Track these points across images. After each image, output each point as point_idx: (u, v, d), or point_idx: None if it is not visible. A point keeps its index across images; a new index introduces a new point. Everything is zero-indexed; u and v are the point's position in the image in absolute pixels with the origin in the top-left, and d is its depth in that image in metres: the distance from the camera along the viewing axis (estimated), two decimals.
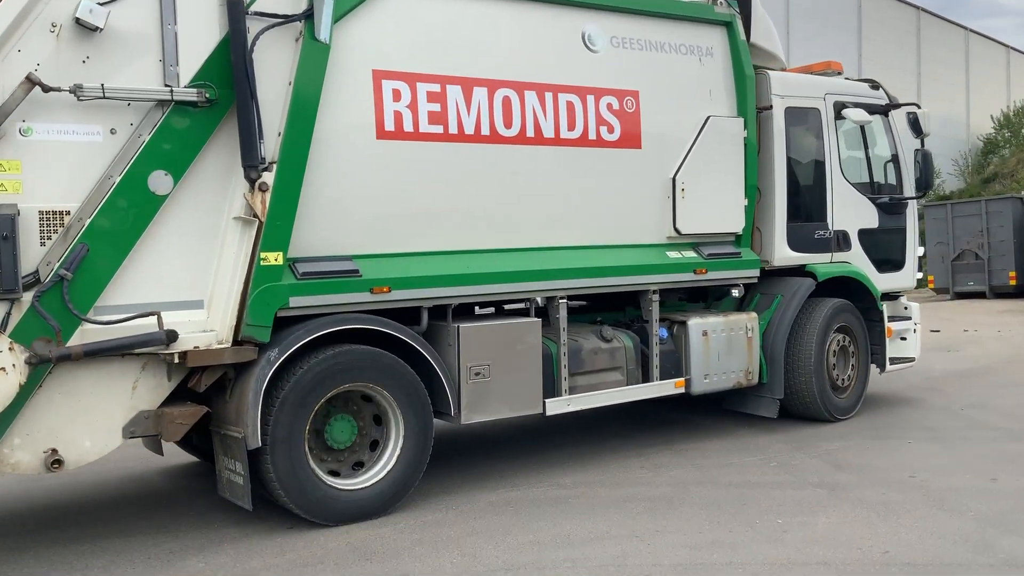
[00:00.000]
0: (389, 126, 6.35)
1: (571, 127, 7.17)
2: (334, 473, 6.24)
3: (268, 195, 5.80)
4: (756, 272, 8.27)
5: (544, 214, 7.10)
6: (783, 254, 8.47)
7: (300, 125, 5.93)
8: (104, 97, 5.42)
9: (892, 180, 9.42)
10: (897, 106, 9.27)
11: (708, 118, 7.87)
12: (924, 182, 9.22)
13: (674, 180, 7.69)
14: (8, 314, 5.22)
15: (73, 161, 5.44)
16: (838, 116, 8.81)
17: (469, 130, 6.69)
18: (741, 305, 8.57)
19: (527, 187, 7.00)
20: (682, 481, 6.99)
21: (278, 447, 5.83)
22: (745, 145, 8.09)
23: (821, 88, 8.80)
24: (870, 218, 9.09)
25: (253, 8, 5.83)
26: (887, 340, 9.08)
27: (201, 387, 5.79)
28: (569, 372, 7.17)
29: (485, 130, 6.76)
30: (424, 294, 6.48)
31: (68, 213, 5.40)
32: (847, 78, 9.45)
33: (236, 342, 5.80)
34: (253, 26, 5.83)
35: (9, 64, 5.22)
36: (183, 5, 5.69)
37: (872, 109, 9.14)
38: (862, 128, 9.06)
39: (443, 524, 6.12)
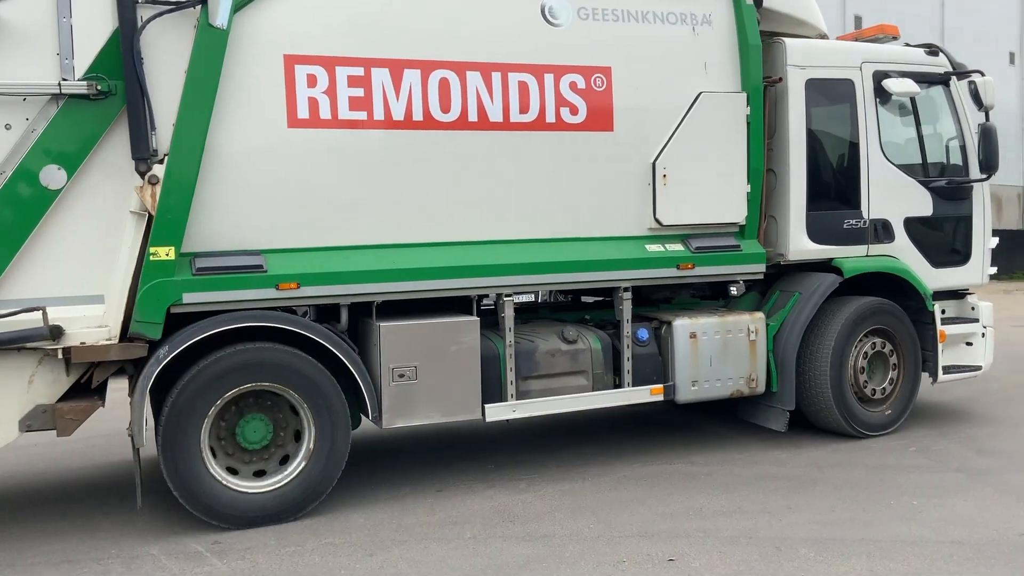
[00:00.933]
0: (303, 114, 6.02)
1: (524, 109, 6.56)
2: (246, 473, 6.05)
3: (158, 188, 5.65)
4: (760, 268, 7.32)
5: (490, 205, 6.56)
6: (801, 247, 7.47)
7: (194, 115, 5.72)
8: None
9: (958, 161, 8.10)
10: (958, 74, 7.94)
11: (700, 95, 7.02)
12: (987, 162, 7.85)
13: (654, 165, 6.92)
14: None
15: None
16: (879, 88, 7.65)
17: (398, 116, 6.25)
18: (761, 304, 7.66)
19: (470, 176, 6.49)
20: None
21: (169, 447, 5.69)
22: (748, 124, 7.17)
23: (856, 56, 7.66)
24: (921, 205, 7.85)
25: None
26: (940, 345, 7.84)
27: (93, 383, 5.75)
28: (519, 375, 6.62)
29: (418, 115, 6.30)
30: (339, 291, 6.12)
31: None
32: (908, 44, 8.20)
33: (126, 338, 5.70)
34: (146, 15, 5.67)
35: None
36: None
37: (926, 79, 7.88)
38: (913, 101, 7.84)
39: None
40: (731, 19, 7.18)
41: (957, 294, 8.24)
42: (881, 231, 7.69)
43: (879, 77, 7.64)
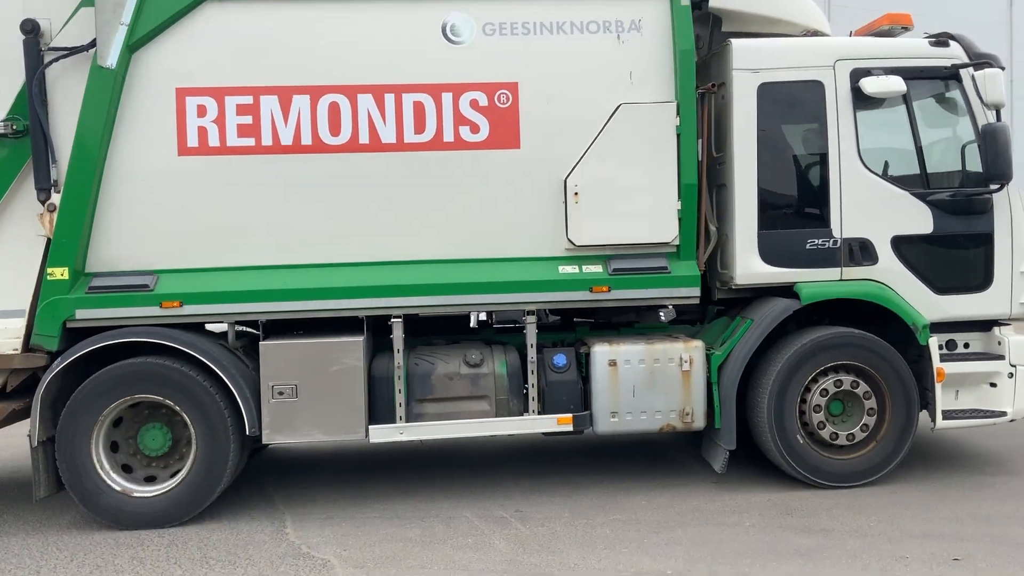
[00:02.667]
0: (192, 142, 6.41)
1: (419, 130, 6.52)
2: (150, 479, 6.52)
3: (55, 215, 6.28)
4: (692, 292, 6.66)
5: (384, 225, 6.56)
6: (750, 269, 6.71)
7: (85, 148, 6.28)
8: None
9: (978, 168, 6.84)
10: (966, 66, 6.71)
11: (619, 106, 6.56)
12: (990, 170, 6.56)
13: (566, 183, 6.56)
14: None
15: None
16: (858, 89, 6.68)
17: (286, 141, 6.47)
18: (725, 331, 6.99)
19: (362, 197, 6.54)
20: None
21: (63, 450, 6.26)
22: (679, 136, 6.59)
23: (828, 54, 6.72)
24: (916, 221, 6.72)
25: (52, 43, 6.33)
26: (938, 386, 6.67)
27: (8, 388, 6.47)
28: (413, 397, 6.57)
29: (306, 139, 6.47)
30: (221, 309, 6.44)
31: None
32: (927, 36, 7.05)
33: (28, 349, 6.38)
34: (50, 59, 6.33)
35: None
36: (4, 49, 6.32)
37: (927, 74, 6.76)
38: (907, 101, 6.75)
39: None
40: (666, 24, 6.64)
41: (984, 326, 6.97)
42: (858, 252, 6.71)
43: (858, 76, 6.69)
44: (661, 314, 6.92)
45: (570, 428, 6.64)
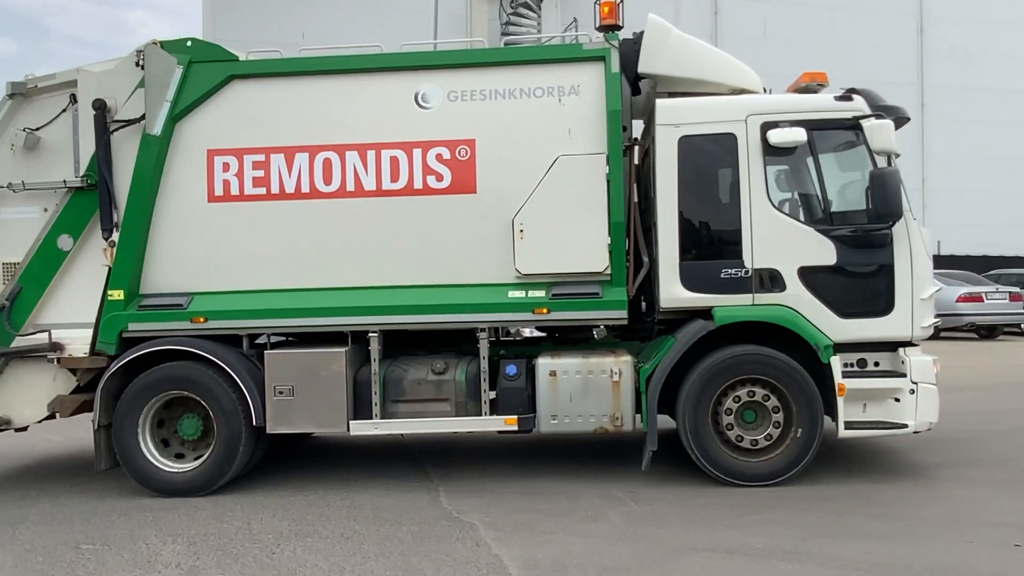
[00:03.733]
0: (218, 192, 8.12)
1: (394, 179, 8.01)
2: (189, 458, 8.22)
3: (115, 249, 8.10)
4: (620, 314, 7.83)
5: (366, 257, 8.05)
6: (673, 295, 7.80)
7: (137, 198, 8.09)
8: (25, 189, 8.29)
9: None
10: (865, 117, 7.61)
11: (558, 158, 7.85)
12: (878, 210, 7.42)
13: (513, 221, 7.88)
14: None
15: (21, 229, 8.39)
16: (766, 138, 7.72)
17: (290, 189, 8.08)
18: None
19: (348, 234, 8.07)
20: None
21: (117, 433, 8.03)
22: (609, 182, 7.80)
23: (740, 109, 7.78)
24: (821, 253, 7.64)
25: (117, 116, 8.19)
26: (840, 399, 7.54)
27: (81, 382, 8.31)
28: (388, 399, 7.99)
29: (305, 188, 8.07)
30: (237, 324, 8.07)
31: (17, 264, 8.39)
32: (847, 89, 7.98)
33: (94, 353, 8.19)
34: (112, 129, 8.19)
35: None
36: (83, 122, 8.28)
37: (831, 125, 7.72)
38: (811, 148, 7.71)
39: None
40: (600, 88, 7.90)
41: (892, 347, 7.79)
42: (768, 280, 7.70)
43: (767, 128, 7.72)
44: (595, 332, 8.09)
45: (516, 428, 7.91)
